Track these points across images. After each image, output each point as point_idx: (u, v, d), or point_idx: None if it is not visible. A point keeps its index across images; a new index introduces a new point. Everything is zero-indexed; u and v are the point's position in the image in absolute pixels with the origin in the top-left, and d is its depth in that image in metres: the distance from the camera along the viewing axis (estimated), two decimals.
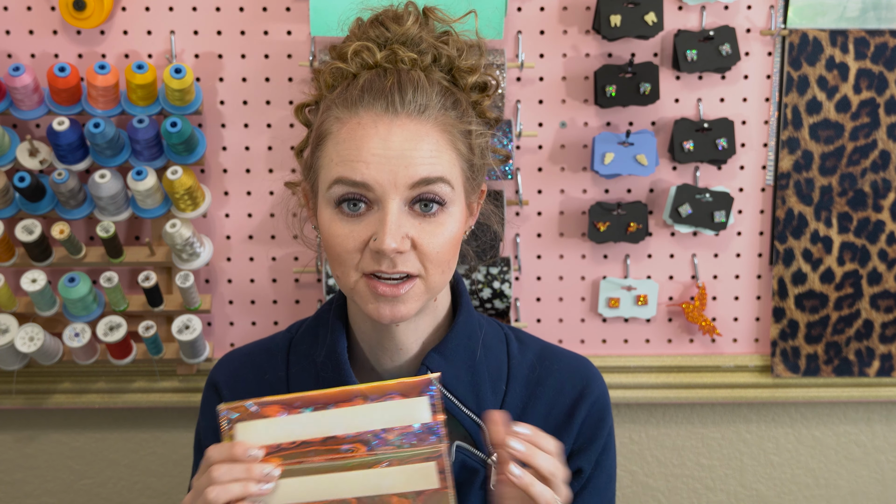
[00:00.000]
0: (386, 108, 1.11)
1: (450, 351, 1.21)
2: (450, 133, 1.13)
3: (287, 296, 1.75)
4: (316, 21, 1.56)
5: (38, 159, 1.60)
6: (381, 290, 1.11)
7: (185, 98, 1.58)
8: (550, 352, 1.31)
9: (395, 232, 1.08)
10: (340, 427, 1.07)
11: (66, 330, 1.64)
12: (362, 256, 1.11)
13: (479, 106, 1.20)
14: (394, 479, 1.07)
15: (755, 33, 1.68)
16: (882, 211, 1.73)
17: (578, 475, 1.25)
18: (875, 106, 1.69)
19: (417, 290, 1.13)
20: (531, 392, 1.26)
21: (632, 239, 1.70)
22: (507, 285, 1.67)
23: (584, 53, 1.67)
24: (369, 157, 1.09)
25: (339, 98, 1.14)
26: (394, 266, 1.10)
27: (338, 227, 1.12)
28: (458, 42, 1.19)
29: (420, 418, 1.06)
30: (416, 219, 1.11)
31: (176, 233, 1.58)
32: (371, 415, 1.06)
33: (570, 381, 1.27)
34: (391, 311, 1.13)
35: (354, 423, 1.07)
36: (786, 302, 1.75)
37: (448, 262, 1.14)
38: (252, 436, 1.07)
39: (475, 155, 1.17)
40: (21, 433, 1.84)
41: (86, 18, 1.59)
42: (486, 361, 1.24)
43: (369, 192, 1.10)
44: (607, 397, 1.29)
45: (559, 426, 1.25)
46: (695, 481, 1.89)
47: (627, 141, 1.65)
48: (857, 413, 1.86)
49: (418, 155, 1.10)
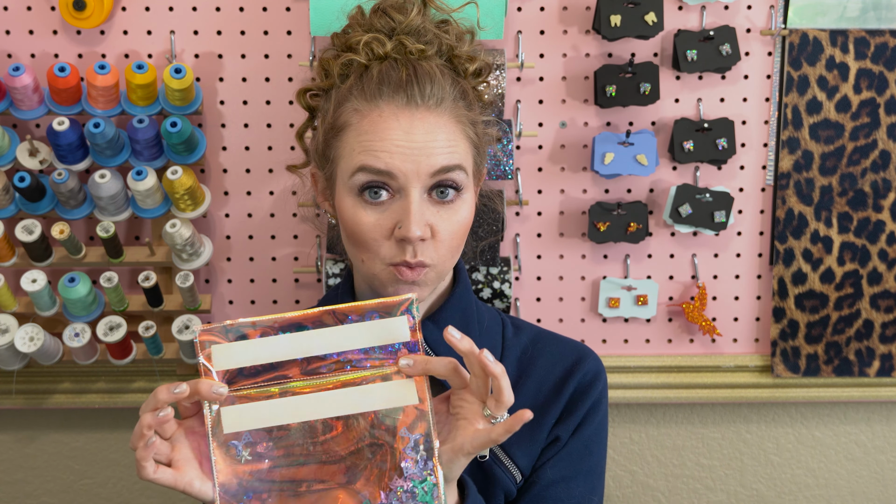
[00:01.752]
0: (407, 102, 1.16)
1: (443, 321, 1.25)
2: (462, 123, 1.19)
3: (287, 296, 1.75)
4: (316, 21, 1.56)
5: (38, 159, 1.60)
6: (405, 276, 1.16)
7: (185, 98, 1.58)
8: (546, 336, 1.35)
9: (420, 220, 1.14)
10: (320, 347, 1.09)
11: (66, 330, 1.64)
12: (387, 244, 1.16)
13: (477, 91, 1.27)
14: (374, 396, 1.09)
15: (755, 33, 1.68)
16: (882, 211, 1.72)
17: (555, 443, 1.28)
18: (875, 106, 1.69)
19: (429, 277, 1.19)
20: (522, 371, 1.30)
21: (632, 239, 1.70)
22: (507, 285, 1.67)
23: (584, 53, 1.67)
24: (392, 147, 1.14)
25: (356, 89, 1.19)
26: (415, 255, 1.16)
27: (363, 214, 1.17)
28: (458, 29, 1.26)
29: (400, 337, 1.09)
30: (434, 206, 1.17)
31: (176, 233, 1.58)
32: (351, 335, 1.09)
33: (562, 359, 1.31)
34: (408, 293, 1.17)
35: (334, 343, 1.09)
36: (786, 302, 1.75)
37: (458, 247, 1.20)
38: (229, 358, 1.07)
39: (482, 142, 1.24)
40: (21, 433, 1.84)
41: (86, 18, 1.59)
42: (481, 338, 1.29)
43: (392, 180, 1.15)
44: (601, 375, 1.32)
45: (547, 401, 1.28)
46: (695, 481, 1.89)
47: (627, 141, 1.65)
48: (857, 413, 1.86)
49: (438, 145, 1.15)
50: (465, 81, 1.24)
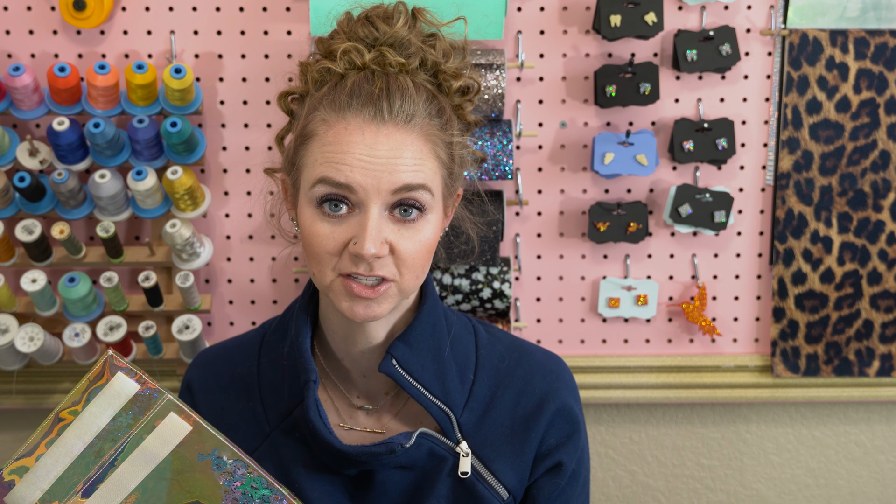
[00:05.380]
0: (374, 116, 1.13)
1: (414, 339, 1.23)
2: (433, 142, 1.15)
3: (287, 296, 1.75)
4: (316, 21, 1.56)
5: (38, 159, 1.60)
6: (357, 291, 1.14)
7: (185, 98, 1.58)
8: (520, 345, 1.33)
9: (376, 237, 1.11)
10: (80, 444, 1.08)
11: (66, 330, 1.64)
12: (340, 258, 1.14)
13: (460, 110, 1.23)
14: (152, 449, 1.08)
15: (755, 33, 1.68)
16: (882, 211, 1.73)
17: (559, 468, 1.27)
18: (875, 106, 1.69)
19: (391, 292, 1.16)
20: (499, 381, 1.28)
21: (632, 239, 1.70)
22: (507, 285, 1.67)
23: (584, 53, 1.67)
24: (354, 161, 1.11)
25: (327, 99, 1.16)
26: (371, 270, 1.13)
27: (319, 226, 1.14)
28: (445, 45, 1.21)
29: (130, 392, 1.08)
30: (395, 224, 1.14)
31: (176, 233, 1.58)
32: (92, 418, 1.08)
33: (540, 372, 1.29)
34: (364, 311, 1.15)
35: (88, 432, 1.08)
36: (786, 302, 1.75)
37: (423, 266, 1.17)
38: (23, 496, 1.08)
39: (455, 164, 1.20)
40: (21, 433, 1.84)
41: (86, 18, 1.59)
42: (454, 351, 1.27)
43: (352, 194, 1.12)
44: (576, 391, 1.31)
45: (527, 417, 1.26)
46: (695, 481, 1.89)
47: (627, 141, 1.65)
48: (857, 413, 1.86)
49: (402, 162, 1.12)
50: (447, 99, 1.20)
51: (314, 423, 1.19)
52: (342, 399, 1.28)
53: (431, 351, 1.24)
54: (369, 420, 1.27)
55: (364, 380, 1.28)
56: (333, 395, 1.29)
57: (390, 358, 1.21)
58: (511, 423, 1.26)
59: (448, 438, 1.23)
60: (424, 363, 1.23)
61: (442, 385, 1.23)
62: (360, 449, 1.19)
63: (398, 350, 1.22)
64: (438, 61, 1.19)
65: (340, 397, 1.28)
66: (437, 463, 1.22)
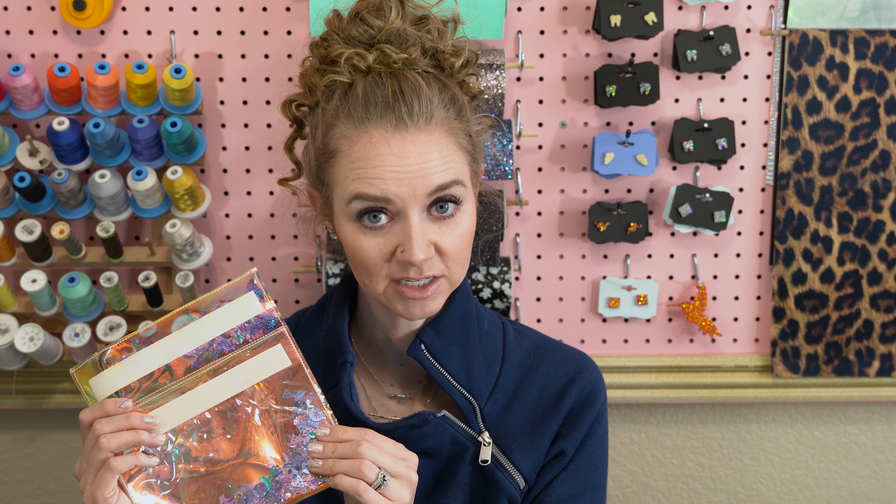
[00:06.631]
0: (396, 125, 1.13)
1: (443, 326, 1.25)
2: (454, 134, 1.17)
3: (287, 296, 1.75)
4: (316, 21, 1.56)
5: (38, 159, 1.60)
6: (410, 294, 1.17)
7: (185, 98, 1.58)
8: (547, 342, 1.36)
9: (421, 242, 1.13)
10: (184, 347, 1.13)
11: (66, 330, 1.64)
12: (389, 264, 1.16)
13: (465, 85, 1.24)
14: (247, 373, 1.13)
15: (755, 33, 1.68)
16: (882, 211, 1.72)
17: (561, 457, 1.28)
18: (875, 106, 1.69)
19: (442, 287, 1.19)
20: (524, 377, 1.30)
21: (632, 239, 1.70)
22: (507, 285, 1.67)
23: (584, 53, 1.67)
24: (386, 173, 1.12)
25: (343, 113, 1.16)
26: (421, 273, 1.15)
27: (363, 240, 1.15)
28: (437, 23, 1.21)
29: (252, 312, 1.13)
30: (435, 223, 1.15)
31: (176, 233, 1.58)
32: (208, 326, 1.13)
33: (563, 367, 1.32)
34: (421, 310, 1.19)
35: (196, 338, 1.13)
36: (786, 302, 1.75)
37: (467, 255, 1.20)
38: (105, 386, 1.12)
39: (476, 147, 1.22)
40: (21, 433, 1.84)
41: (86, 18, 1.59)
42: (482, 342, 1.29)
43: (390, 205, 1.13)
44: (601, 386, 1.33)
45: (548, 409, 1.29)
46: (695, 481, 1.89)
47: (627, 141, 1.65)
48: (857, 413, 1.86)
49: (431, 164, 1.13)
50: (453, 80, 1.20)
51: (347, 404, 1.21)
52: (375, 388, 1.31)
53: (459, 339, 1.26)
54: (401, 408, 1.30)
55: (400, 368, 1.30)
56: (366, 384, 1.31)
57: (419, 342, 1.24)
58: (533, 416, 1.28)
59: (470, 427, 1.25)
60: (451, 350, 1.25)
61: (468, 373, 1.26)
62: (393, 424, 1.22)
63: (427, 335, 1.25)
64: (436, 43, 1.19)
65: (373, 386, 1.31)
66: (460, 451, 1.25)
